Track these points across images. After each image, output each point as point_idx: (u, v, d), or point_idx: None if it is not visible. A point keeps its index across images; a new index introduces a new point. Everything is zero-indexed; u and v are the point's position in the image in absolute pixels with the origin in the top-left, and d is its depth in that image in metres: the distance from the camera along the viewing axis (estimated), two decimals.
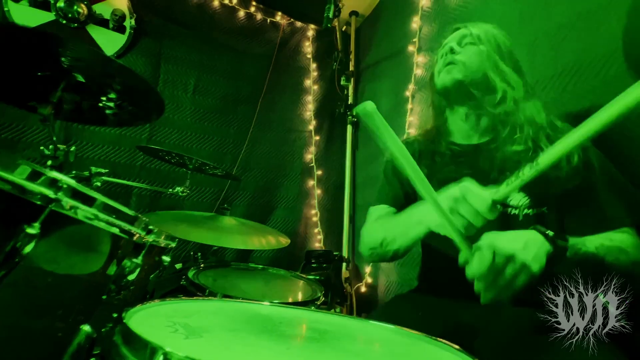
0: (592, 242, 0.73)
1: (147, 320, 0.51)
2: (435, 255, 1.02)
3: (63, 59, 0.93)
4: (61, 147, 1.09)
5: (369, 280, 2.29)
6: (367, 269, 2.32)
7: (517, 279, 0.64)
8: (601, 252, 0.73)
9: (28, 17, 1.95)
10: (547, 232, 0.68)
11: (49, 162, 1.08)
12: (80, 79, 1.02)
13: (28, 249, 0.41)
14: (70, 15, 2.03)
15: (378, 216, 1.07)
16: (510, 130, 0.90)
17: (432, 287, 1.03)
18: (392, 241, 0.90)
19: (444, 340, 0.60)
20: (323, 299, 1.27)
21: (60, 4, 2.01)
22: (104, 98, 1.12)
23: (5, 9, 1.90)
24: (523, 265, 0.63)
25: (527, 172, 0.64)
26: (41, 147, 1.09)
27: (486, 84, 0.93)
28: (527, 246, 0.64)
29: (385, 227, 0.95)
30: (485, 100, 0.94)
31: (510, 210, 0.88)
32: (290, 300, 1.33)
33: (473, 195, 0.68)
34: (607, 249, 0.74)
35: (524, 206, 0.87)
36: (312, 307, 1.18)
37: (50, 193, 0.43)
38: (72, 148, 1.12)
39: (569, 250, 0.69)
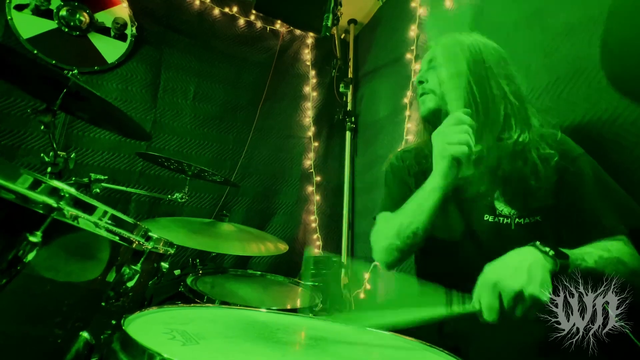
0: (591, 256, 0.74)
1: (145, 327, 0.52)
2: (434, 258, 1.03)
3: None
4: (61, 153, 1.11)
5: (368, 286, 2.28)
6: (366, 276, 2.32)
7: (529, 314, 0.64)
8: (600, 265, 0.73)
9: (30, 25, 1.98)
10: (547, 251, 0.69)
11: (49, 169, 1.09)
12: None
13: (30, 257, 0.41)
14: (72, 24, 2.05)
15: (384, 219, 1.06)
16: (494, 136, 0.90)
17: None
18: (408, 225, 0.86)
19: (440, 348, 0.60)
20: (321, 305, 1.27)
21: (63, 13, 2.03)
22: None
23: (8, 17, 1.92)
24: (533, 300, 0.63)
25: None
26: (41, 154, 1.10)
27: (461, 101, 0.93)
28: (532, 274, 0.64)
29: (397, 218, 0.91)
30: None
31: (503, 220, 0.88)
32: (288, 306, 1.33)
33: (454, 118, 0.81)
34: (606, 261, 0.74)
35: (514, 215, 0.87)
36: (310, 314, 1.19)
37: (52, 202, 0.43)
38: (72, 155, 1.13)
39: (570, 267, 0.70)
